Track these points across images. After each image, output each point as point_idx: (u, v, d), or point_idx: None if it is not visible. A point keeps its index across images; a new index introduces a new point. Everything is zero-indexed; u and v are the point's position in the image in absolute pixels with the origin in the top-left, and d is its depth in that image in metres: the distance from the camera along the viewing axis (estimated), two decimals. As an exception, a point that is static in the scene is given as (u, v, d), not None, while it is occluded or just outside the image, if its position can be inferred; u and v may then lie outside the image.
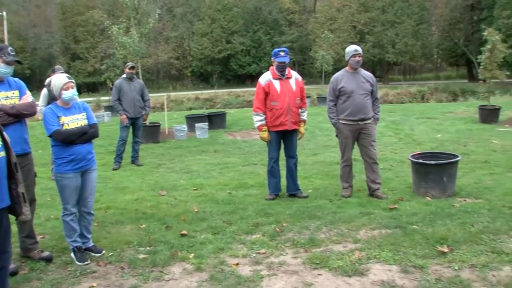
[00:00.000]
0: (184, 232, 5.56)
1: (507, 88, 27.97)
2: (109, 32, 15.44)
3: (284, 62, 6.69)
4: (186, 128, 14.09)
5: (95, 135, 5.04)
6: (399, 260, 4.58)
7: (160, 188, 7.95)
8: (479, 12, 44.28)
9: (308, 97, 23.15)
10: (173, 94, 32.97)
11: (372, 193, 6.85)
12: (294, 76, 6.88)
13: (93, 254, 5.02)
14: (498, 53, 15.06)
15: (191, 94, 35.68)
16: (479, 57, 15.95)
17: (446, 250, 4.74)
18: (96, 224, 5.91)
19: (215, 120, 15.58)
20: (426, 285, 4.07)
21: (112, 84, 10.29)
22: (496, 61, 15.15)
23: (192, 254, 4.91)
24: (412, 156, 7.18)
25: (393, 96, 30.08)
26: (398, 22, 43.93)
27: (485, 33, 15.53)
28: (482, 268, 4.37)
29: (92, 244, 5.14)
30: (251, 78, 47.52)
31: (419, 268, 4.41)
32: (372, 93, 6.84)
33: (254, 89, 7.00)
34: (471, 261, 4.51)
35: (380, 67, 50.46)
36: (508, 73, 29.68)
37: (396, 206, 6.28)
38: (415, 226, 5.46)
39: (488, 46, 15.07)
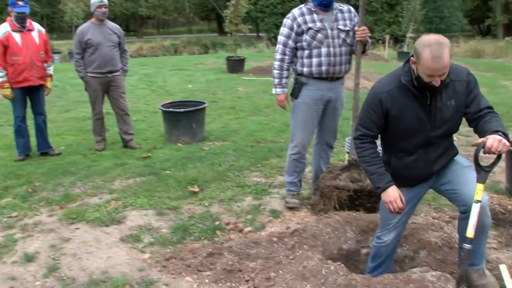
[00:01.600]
0: None
1: (252, 41, 30.30)
2: None
3: (24, 13, 6.18)
4: None
5: None
6: (154, 204, 4.79)
7: None
8: (226, -31, 46.33)
9: (59, 52, 21.91)
10: None
11: (125, 144, 6.94)
12: (37, 28, 6.43)
13: None
14: (241, 8, 16.04)
15: None
16: (225, 11, 16.84)
17: (197, 190, 5.12)
18: None
19: None
20: (180, 224, 4.34)
21: None
22: (239, 16, 16.17)
23: None
24: (163, 105, 7.44)
25: (147, 50, 30.10)
26: (150, -24, 43.68)
27: (229, -11, 16.39)
28: (229, 201, 4.85)
29: None
30: (-8, 34, 42.68)
31: (173, 209, 4.68)
32: (120, 45, 6.79)
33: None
34: (219, 196, 4.97)
35: (134, 21, 49.84)
36: (251, 27, 32.12)
37: (149, 154, 6.49)
38: (168, 172, 5.74)
39: (233, 2, 15.97)
